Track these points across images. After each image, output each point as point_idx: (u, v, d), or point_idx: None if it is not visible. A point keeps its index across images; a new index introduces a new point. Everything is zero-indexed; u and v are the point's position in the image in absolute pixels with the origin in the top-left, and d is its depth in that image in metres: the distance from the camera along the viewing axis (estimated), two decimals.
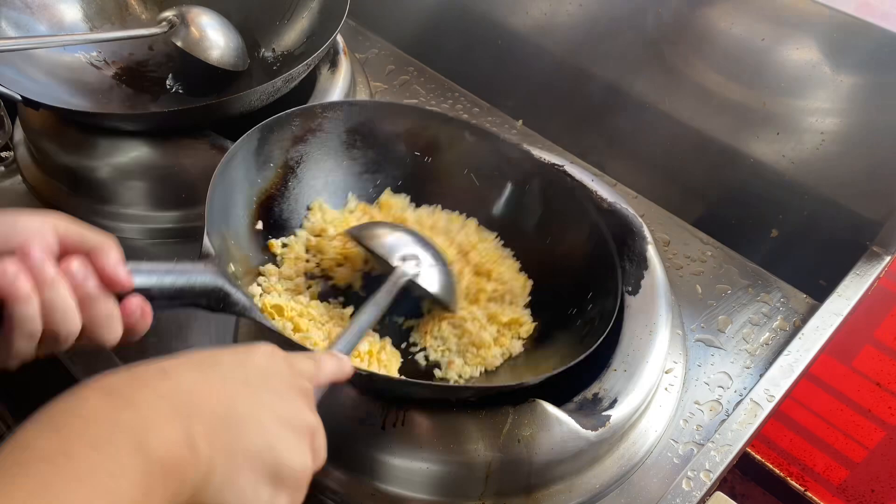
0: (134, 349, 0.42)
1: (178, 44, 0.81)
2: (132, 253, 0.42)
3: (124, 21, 0.89)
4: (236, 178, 0.62)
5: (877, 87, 0.67)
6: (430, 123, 0.72)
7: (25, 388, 0.89)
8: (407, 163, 0.72)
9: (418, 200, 0.72)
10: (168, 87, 0.85)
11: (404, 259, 0.61)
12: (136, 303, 0.40)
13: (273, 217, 0.67)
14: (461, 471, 0.53)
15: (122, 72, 0.86)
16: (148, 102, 0.83)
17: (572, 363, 0.53)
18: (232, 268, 0.57)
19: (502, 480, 0.53)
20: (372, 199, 0.72)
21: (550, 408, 0.53)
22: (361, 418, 0.53)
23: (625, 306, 0.63)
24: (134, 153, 0.73)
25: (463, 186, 0.72)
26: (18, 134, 0.82)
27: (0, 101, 0.80)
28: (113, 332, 0.39)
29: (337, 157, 0.70)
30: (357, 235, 0.64)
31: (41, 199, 0.78)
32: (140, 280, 0.40)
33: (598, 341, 0.55)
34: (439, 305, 0.63)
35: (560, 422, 0.53)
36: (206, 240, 0.50)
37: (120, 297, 0.39)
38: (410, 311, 0.65)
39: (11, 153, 0.83)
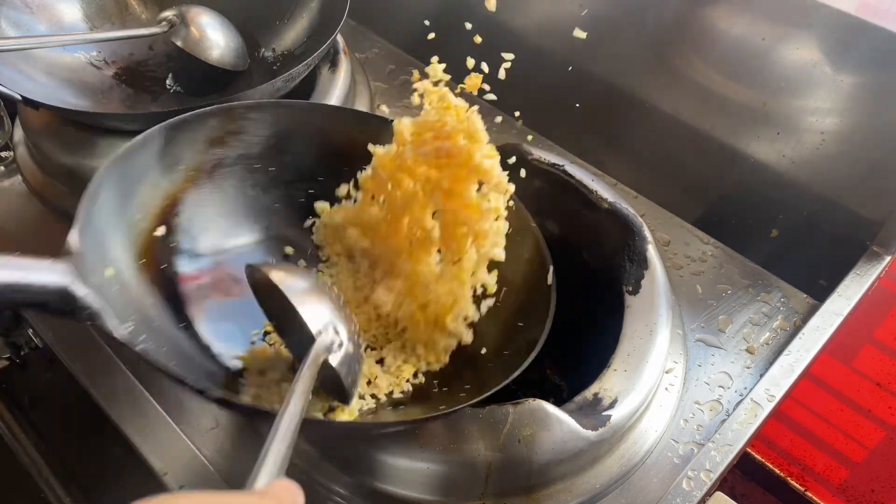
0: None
1: (178, 43, 0.81)
2: None
3: (124, 21, 0.89)
4: (133, 177, 0.56)
5: (877, 87, 0.67)
6: (366, 128, 0.63)
7: (26, 388, 0.89)
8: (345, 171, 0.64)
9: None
10: (168, 87, 0.85)
11: (322, 331, 0.48)
12: None
13: (181, 223, 0.60)
14: (461, 471, 0.52)
15: (122, 72, 0.86)
16: (148, 102, 0.83)
17: (484, 395, 0.50)
18: (111, 271, 0.50)
19: (502, 480, 0.53)
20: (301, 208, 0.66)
21: (550, 408, 0.53)
22: None
23: (625, 306, 0.63)
24: None
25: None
26: (18, 134, 0.82)
27: (0, 101, 0.80)
28: None
29: (262, 163, 0.64)
30: (272, 280, 0.49)
31: (41, 199, 0.78)
32: None
33: (515, 373, 0.51)
34: (335, 393, 0.51)
35: (560, 422, 0.53)
36: (72, 234, 0.45)
37: None
38: None
39: (11, 153, 0.83)
